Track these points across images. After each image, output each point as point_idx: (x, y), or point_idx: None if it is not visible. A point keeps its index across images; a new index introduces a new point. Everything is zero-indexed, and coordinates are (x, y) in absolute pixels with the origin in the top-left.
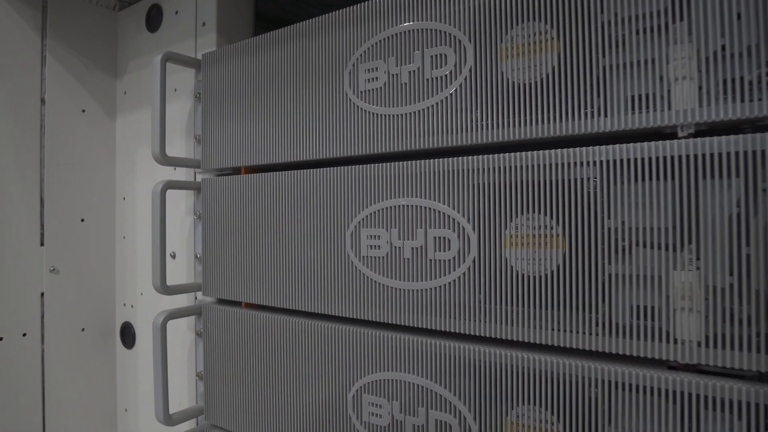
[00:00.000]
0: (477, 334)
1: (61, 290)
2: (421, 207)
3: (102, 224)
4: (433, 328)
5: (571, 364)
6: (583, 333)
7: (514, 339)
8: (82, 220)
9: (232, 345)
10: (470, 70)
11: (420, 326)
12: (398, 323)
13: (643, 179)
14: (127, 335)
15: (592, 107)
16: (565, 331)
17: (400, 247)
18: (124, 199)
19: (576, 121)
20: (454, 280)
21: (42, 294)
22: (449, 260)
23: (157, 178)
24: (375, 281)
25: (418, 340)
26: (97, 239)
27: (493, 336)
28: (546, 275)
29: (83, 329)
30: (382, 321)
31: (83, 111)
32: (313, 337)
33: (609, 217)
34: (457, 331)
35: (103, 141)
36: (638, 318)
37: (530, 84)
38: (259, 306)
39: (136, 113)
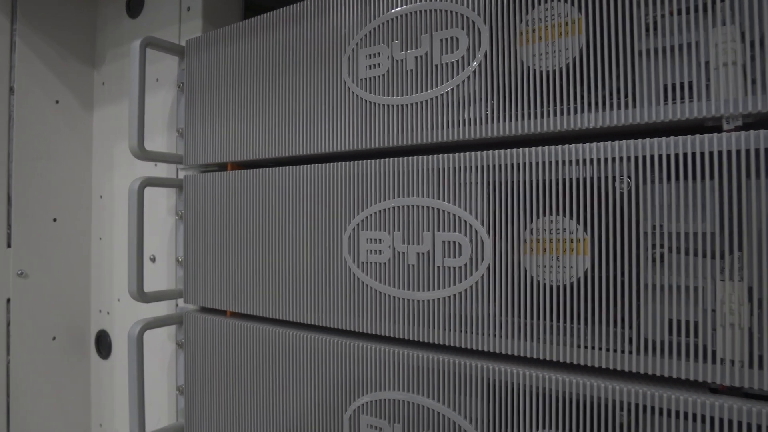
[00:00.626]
0: (490, 350)
1: (29, 296)
2: (428, 208)
3: (76, 224)
4: (441, 343)
5: (598, 385)
6: (612, 351)
7: (533, 356)
8: (55, 220)
9: (216, 357)
10: (485, 56)
11: (426, 341)
12: (401, 337)
13: (684, 178)
14: (103, 344)
15: (624, 97)
16: (591, 348)
17: (404, 253)
18: (101, 197)
19: (604, 112)
20: (466, 290)
21: (8, 300)
22: (460, 267)
23: (136, 175)
24: (375, 290)
25: (423, 356)
26: (70, 240)
27: (508, 353)
28: (570, 285)
29: (54, 338)
30: (383, 334)
31: (57, 102)
32: (306, 350)
33: (642, 221)
34: (468, 346)
35: (78, 135)
36: (675, 334)
37: (552, 71)
38: (246, 315)
39: (115, 105)
